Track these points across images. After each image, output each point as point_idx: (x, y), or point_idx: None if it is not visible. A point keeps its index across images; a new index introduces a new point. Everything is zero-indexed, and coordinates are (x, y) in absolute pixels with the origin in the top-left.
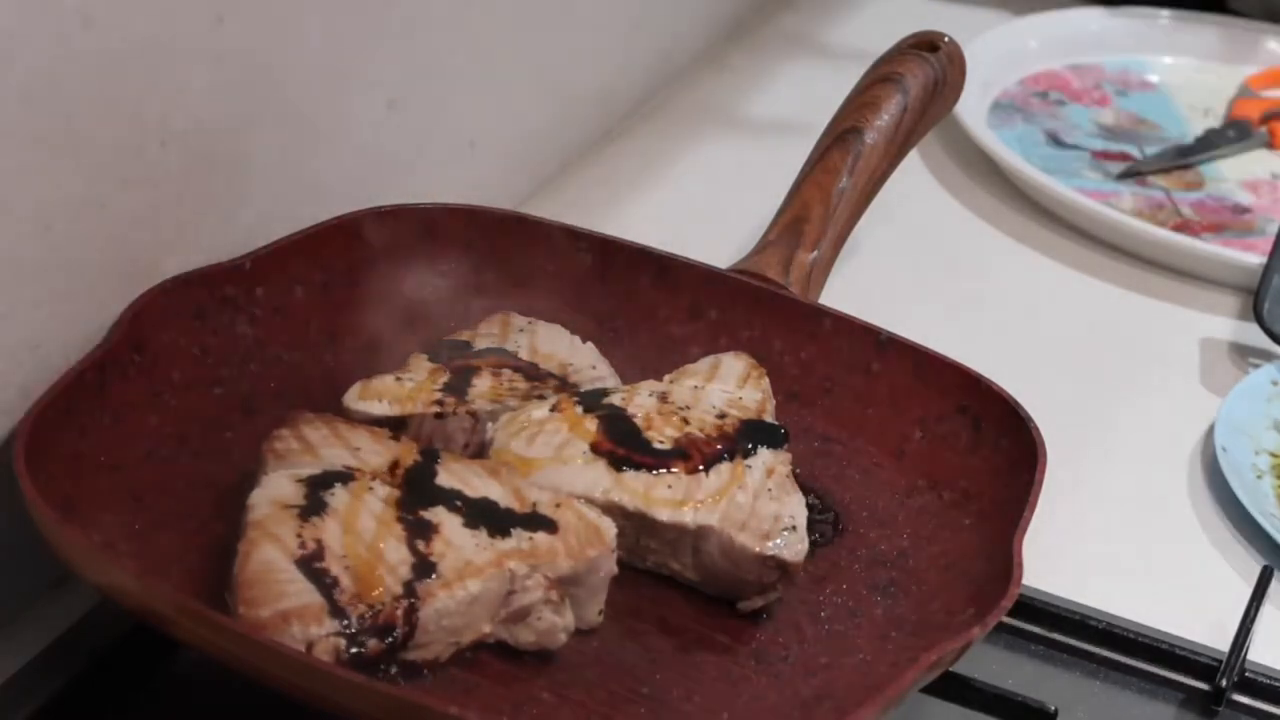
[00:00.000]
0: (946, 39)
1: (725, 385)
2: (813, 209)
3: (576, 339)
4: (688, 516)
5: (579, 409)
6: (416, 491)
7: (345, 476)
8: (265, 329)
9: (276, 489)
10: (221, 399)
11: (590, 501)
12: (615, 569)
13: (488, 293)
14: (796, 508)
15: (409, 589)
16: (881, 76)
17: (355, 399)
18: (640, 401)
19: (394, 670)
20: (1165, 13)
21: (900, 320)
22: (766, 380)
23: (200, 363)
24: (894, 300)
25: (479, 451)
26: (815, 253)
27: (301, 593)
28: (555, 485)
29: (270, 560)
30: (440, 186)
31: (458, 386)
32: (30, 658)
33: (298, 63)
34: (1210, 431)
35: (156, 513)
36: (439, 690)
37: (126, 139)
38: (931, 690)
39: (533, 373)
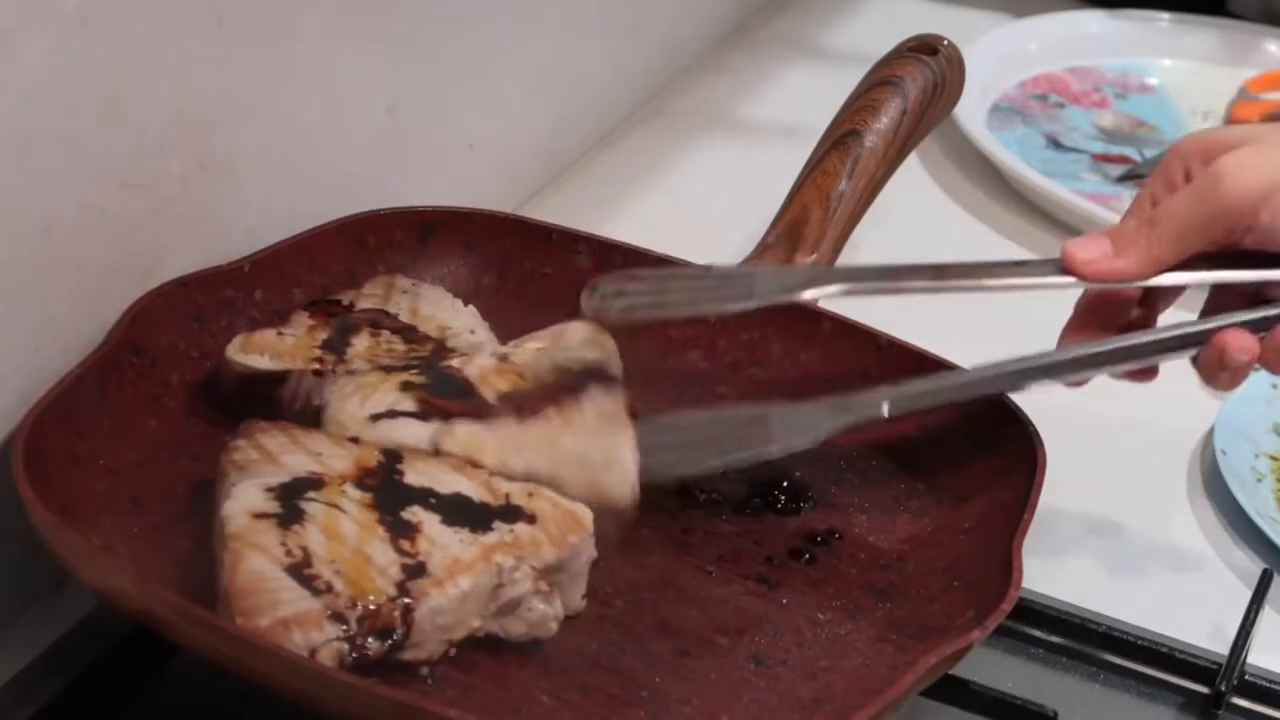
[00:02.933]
0: (945, 42)
1: (567, 349)
2: (812, 212)
3: (459, 302)
4: (517, 462)
5: (414, 372)
6: (389, 493)
7: (314, 483)
8: None
9: (248, 500)
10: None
11: (419, 451)
12: (595, 553)
13: (486, 295)
14: (622, 442)
15: (402, 589)
16: (881, 80)
17: (238, 351)
18: (479, 363)
19: (390, 671)
20: (1164, 15)
21: (899, 323)
22: (612, 342)
23: (199, 365)
24: (893, 303)
25: (317, 414)
26: (814, 256)
27: (297, 600)
28: (386, 438)
29: (259, 569)
30: (439, 189)
31: (336, 345)
32: (29, 660)
33: (297, 66)
34: (1210, 434)
35: (156, 515)
36: (437, 692)
37: (126, 141)
38: (931, 693)
39: (411, 335)
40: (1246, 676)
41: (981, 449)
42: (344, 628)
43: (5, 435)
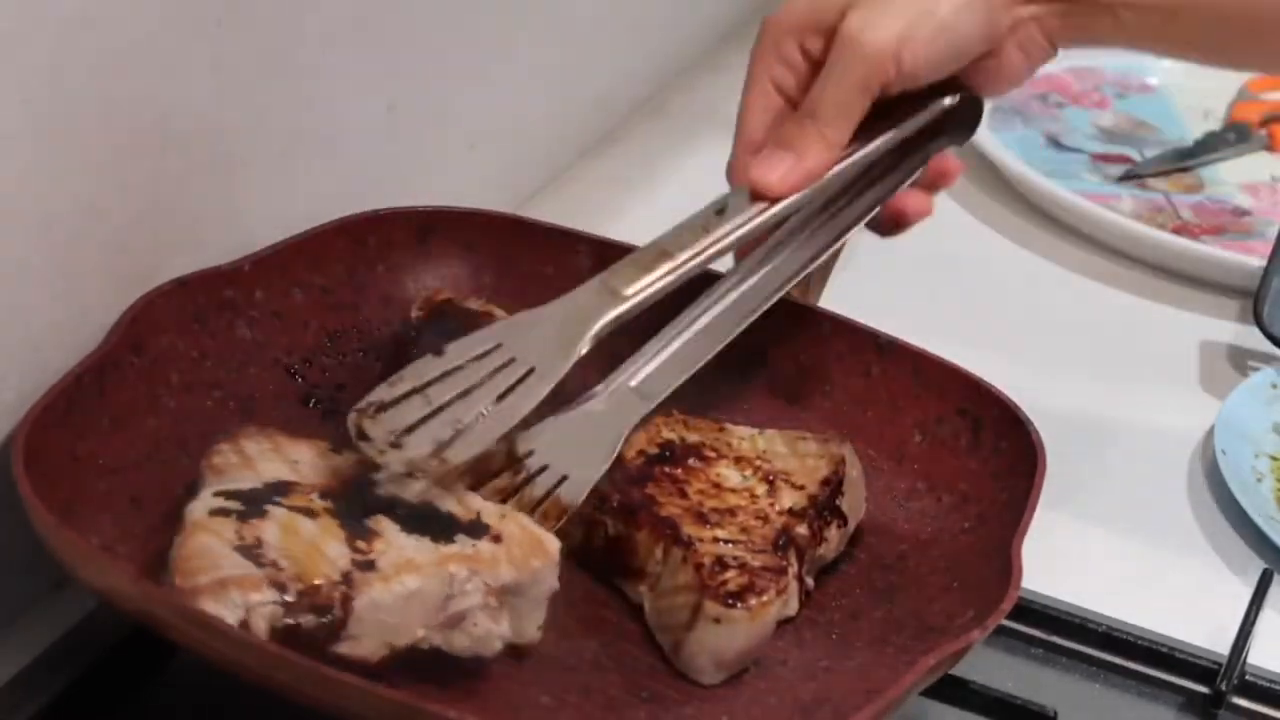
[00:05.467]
0: None
1: None
2: None
3: None
4: None
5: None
6: (356, 500)
7: (282, 489)
8: (264, 331)
9: (212, 500)
10: (220, 402)
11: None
12: (557, 584)
13: (486, 295)
14: None
15: (346, 579)
16: None
17: None
18: None
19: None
20: None
21: (899, 323)
22: None
23: (199, 365)
24: (893, 303)
25: None
26: None
27: (239, 565)
28: None
29: (208, 543)
30: (439, 189)
31: None
32: (29, 660)
33: (297, 65)
34: (1210, 434)
35: (155, 515)
36: (436, 692)
37: (126, 141)
38: (931, 693)
39: None
40: (1246, 676)
41: (981, 449)
42: (283, 594)
43: (5, 435)
